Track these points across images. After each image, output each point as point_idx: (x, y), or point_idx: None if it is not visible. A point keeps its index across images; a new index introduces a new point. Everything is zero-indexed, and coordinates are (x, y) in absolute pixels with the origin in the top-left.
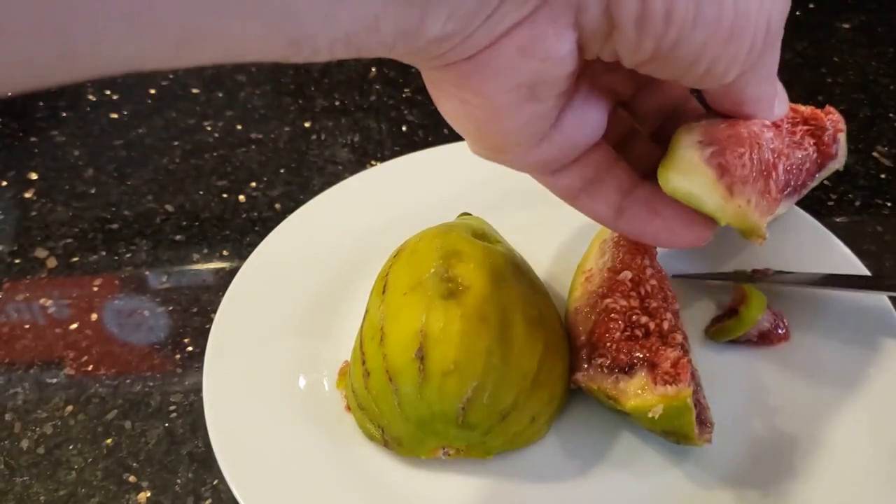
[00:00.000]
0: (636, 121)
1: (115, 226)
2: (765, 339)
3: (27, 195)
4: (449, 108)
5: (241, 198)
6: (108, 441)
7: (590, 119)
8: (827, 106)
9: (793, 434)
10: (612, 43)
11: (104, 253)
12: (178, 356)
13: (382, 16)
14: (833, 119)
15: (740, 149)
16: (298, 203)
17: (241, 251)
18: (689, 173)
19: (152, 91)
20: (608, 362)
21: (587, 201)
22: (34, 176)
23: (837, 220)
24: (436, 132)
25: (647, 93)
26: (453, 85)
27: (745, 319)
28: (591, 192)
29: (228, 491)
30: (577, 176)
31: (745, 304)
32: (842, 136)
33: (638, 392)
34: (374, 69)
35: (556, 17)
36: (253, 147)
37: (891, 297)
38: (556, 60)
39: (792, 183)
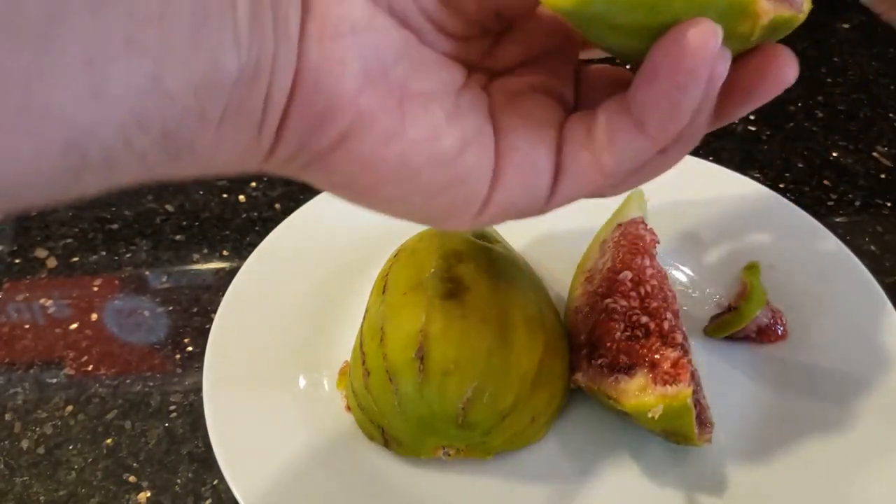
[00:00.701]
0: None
1: (115, 226)
2: (763, 335)
3: None
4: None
5: (242, 198)
6: (108, 441)
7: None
8: None
9: (793, 434)
10: None
11: (104, 253)
12: (178, 356)
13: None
14: None
15: None
16: (298, 203)
17: (242, 251)
18: None
19: None
20: (608, 362)
21: (614, 160)
22: None
23: (837, 219)
24: None
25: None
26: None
27: (745, 314)
28: (609, 144)
29: (228, 491)
30: (576, 150)
31: (745, 299)
32: None
33: (638, 392)
34: None
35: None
36: None
37: (890, 296)
38: (364, 26)
39: None
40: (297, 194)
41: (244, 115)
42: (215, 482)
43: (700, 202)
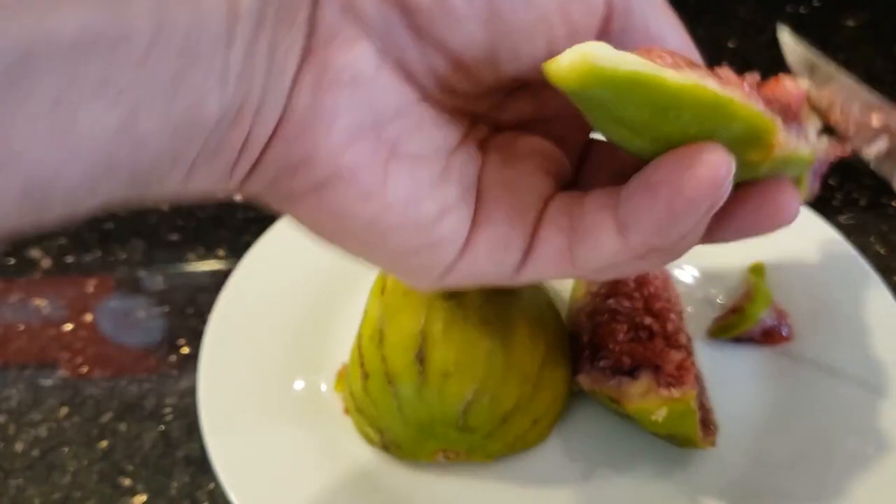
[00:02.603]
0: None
1: (109, 226)
2: (768, 337)
3: None
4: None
5: (238, 197)
6: (103, 444)
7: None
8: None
9: (798, 437)
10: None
11: (99, 253)
12: (173, 358)
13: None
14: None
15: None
16: None
17: (237, 251)
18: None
19: None
20: (611, 364)
21: (584, 250)
22: None
23: (843, 219)
24: None
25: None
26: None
27: (750, 315)
28: (581, 236)
29: (224, 494)
30: (551, 234)
31: (750, 300)
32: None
33: (641, 395)
34: None
35: (335, 35)
36: None
37: None
38: (368, 78)
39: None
40: None
41: (220, 155)
42: (211, 486)
43: None
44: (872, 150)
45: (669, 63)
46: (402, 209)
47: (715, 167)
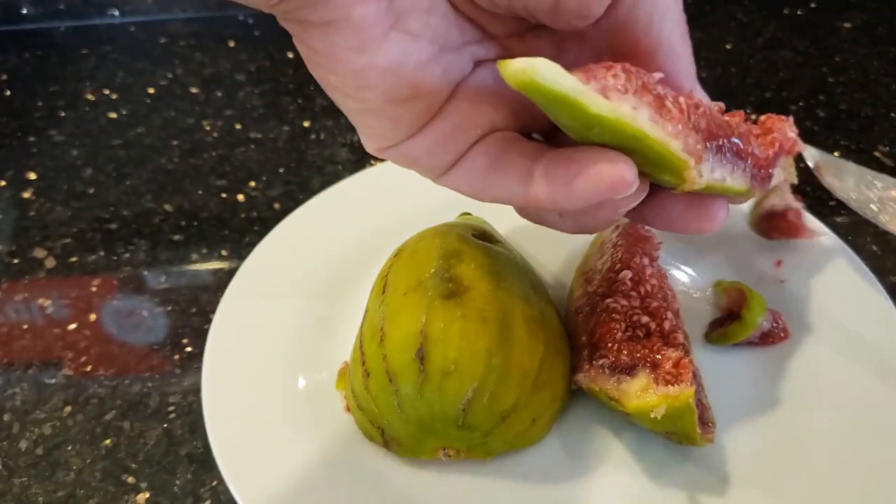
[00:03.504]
0: None
1: (113, 226)
2: (766, 339)
3: (25, 195)
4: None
5: (241, 197)
6: (107, 442)
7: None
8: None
9: (795, 433)
10: None
11: (103, 253)
12: (176, 357)
13: None
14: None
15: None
16: (298, 203)
17: (240, 251)
18: (544, 66)
19: (151, 90)
20: (609, 363)
21: (495, 179)
22: (33, 176)
23: (839, 219)
24: None
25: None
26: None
27: (749, 323)
28: (498, 168)
29: (227, 492)
30: (480, 154)
31: (747, 307)
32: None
33: (640, 393)
34: None
35: None
36: (252, 146)
37: (892, 296)
38: None
39: (725, 145)
40: (296, 194)
41: None
42: (214, 483)
43: None
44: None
45: (611, 86)
46: (382, 74)
47: (619, 177)
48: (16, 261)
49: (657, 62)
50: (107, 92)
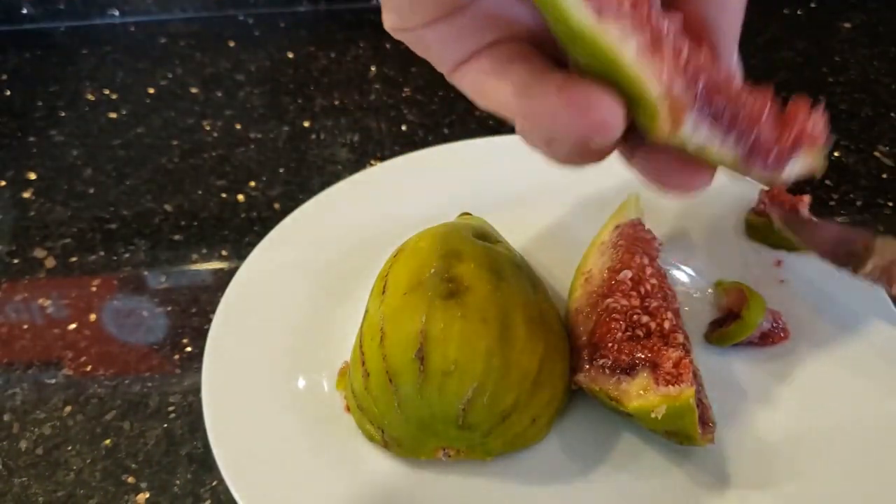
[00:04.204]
0: None
1: (113, 226)
2: (766, 339)
3: (25, 195)
4: None
5: (241, 197)
6: (107, 442)
7: None
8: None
9: (795, 433)
10: None
11: (102, 253)
12: (176, 357)
13: None
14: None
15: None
16: (298, 203)
17: (240, 251)
18: None
19: (151, 91)
20: (609, 363)
21: (493, 84)
22: (33, 176)
23: (839, 219)
24: (436, 132)
25: None
26: None
27: (749, 323)
28: (499, 74)
29: (227, 492)
30: (489, 57)
31: (746, 307)
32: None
33: (640, 393)
34: (373, 68)
35: None
36: (252, 147)
37: (891, 295)
38: None
39: (720, 110)
40: (296, 194)
41: None
42: (214, 483)
43: (700, 201)
44: None
45: (608, 5)
46: None
47: (601, 119)
48: (16, 261)
49: (700, 8)
50: (107, 92)
